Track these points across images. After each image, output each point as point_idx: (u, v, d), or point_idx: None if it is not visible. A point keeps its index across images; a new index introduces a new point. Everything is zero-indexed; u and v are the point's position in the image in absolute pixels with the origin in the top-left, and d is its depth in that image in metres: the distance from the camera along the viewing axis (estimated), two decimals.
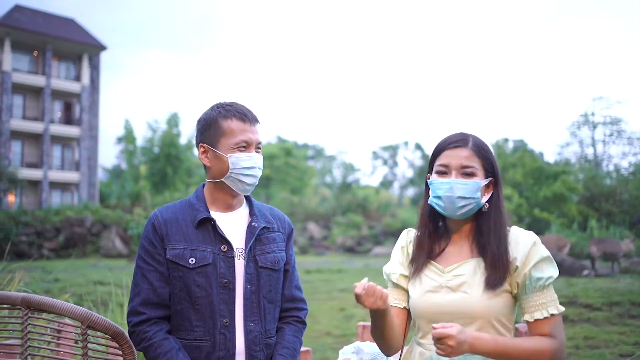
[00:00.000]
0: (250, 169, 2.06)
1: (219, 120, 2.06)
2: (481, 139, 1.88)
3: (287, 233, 2.25)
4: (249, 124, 2.08)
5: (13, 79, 33.84)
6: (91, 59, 37.87)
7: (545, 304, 1.73)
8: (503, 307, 1.77)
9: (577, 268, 15.72)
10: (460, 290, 1.78)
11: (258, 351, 2.04)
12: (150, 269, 2.03)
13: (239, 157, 2.04)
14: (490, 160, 1.86)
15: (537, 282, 1.73)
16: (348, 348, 2.19)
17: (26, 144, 35.17)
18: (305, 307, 2.28)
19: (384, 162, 68.74)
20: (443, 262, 1.87)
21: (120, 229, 28.34)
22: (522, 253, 1.76)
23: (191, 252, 2.01)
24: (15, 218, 26.73)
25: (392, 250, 2.06)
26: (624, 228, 29.08)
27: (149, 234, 2.06)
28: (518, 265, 1.76)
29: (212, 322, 1.99)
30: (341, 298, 12.30)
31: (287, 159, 47.15)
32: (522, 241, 1.78)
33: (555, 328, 1.73)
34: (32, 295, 1.72)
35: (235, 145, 2.04)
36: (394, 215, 40.58)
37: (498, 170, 1.87)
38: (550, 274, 1.74)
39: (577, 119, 44.47)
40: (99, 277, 11.83)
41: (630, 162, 42.09)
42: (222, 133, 2.05)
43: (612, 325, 8.13)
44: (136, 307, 2.01)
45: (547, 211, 31.77)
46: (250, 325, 2.03)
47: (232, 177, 2.05)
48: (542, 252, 1.75)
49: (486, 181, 1.84)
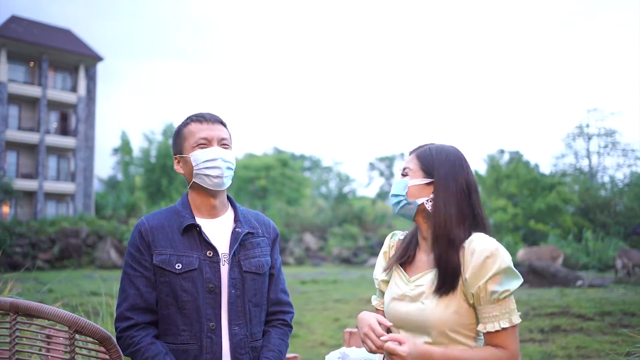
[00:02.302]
0: (212, 161, 2.09)
1: (181, 128, 2.18)
2: (441, 146, 1.92)
3: (272, 238, 2.29)
4: (207, 123, 2.14)
5: (9, 90, 33.81)
6: (87, 70, 37.93)
7: (497, 317, 1.70)
8: (459, 317, 1.75)
9: (570, 279, 15.78)
10: (419, 300, 1.81)
11: (244, 354, 2.07)
12: (137, 275, 2.06)
13: (198, 153, 2.10)
14: (430, 163, 1.87)
15: (492, 295, 1.69)
16: (334, 353, 2.21)
17: (21, 155, 35.10)
18: (291, 310, 2.32)
19: (380, 173, 68.81)
20: (412, 271, 1.92)
21: (115, 240, 28.27)
22: (474, 265, 1.71)
23: (177, 257, 2.05)
24: (10, 229, 26.64)
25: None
26: (619, 239, 29.16)
27: (135, 241, 2.10)
28: (467, 277, 1.72)
29: (198, 326, 2.03)
30: (336, 308, 12.29)
31: (283, 170, 47.23)
32: (477, 252, 1.72)
33: (507, 340, 1.70)
34: (20, 300, 1.74)
35: (195, 144, 2.11)
36: (390, 227, 40.52)
37: (444, 173, 1.84)
38: (507, 287, 1.69)
39: (572, 130, 44.59)
40: (94, 287, 11.79)
41: (624, 174, 42.18)
42: (184, 138, 2.15)
43: (605, 335, 8.16)
44: (124, 313, 2.04)
45: (543, 222, 31.85)
46: (236, 328, 2.07)
47: (197, 174, 2.10)
48: (500, 264, 1.69)
49: (419, 181, 1.87)
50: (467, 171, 1.88)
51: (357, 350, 2.19)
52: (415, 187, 1.88)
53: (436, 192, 1.84)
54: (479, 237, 1.77)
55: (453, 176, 1.84)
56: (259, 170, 46.67)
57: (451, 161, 1.87)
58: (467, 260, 1.74)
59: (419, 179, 1.88)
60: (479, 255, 1.71)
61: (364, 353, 2.11)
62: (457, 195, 1.83)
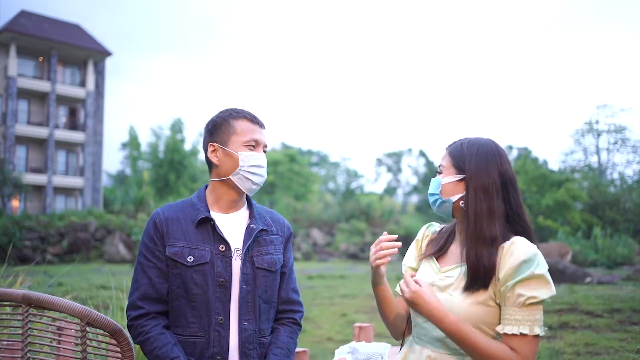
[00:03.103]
0: (259, 168, 2.13)
1: (230, 120, 2.15)
2: (474, 139, 1.86)
3: (285, 236, 2.29)
4: (258, 126, 2.17)
5: (18, 84, 33.97)
6: (96, 65, 38.06)
7: (519, 321, 1.63)
8: (485, 315, 1.71)
9: (579, 275, 15.70)
10: (447, 291, 1.78)
11: (252, 349, 2.08)
12: (150, 265, 2.08)
13: (248, 155, 2.11)
14: (462, 158, 1.82)
15: (518, 298, 1.64)
16: (344, 348, 2.21)
17: (31, 149, 35.29)
18: (301, 309, 2.32)
19: (388, 169, 68.71)
20: (443, 261, 1.89)
21: (123, 235, 28.41)
22: (508, 266, 1.67)
23: (190, 250, 2.06)
24: (19, 223, 26.80)
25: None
26: (628, 236, 29.01)
27: (150, 231, 2.11)
28: (500, 277, 1.69)
29: (207, 319, 2.04)
30: (343, 304, 12.31)
31: (291, 165, 47.22)
32: (515, 255, 1.68)
33: (522, 347, 1.63)
34: (33, 293, 1.75)
35: (246, 143, 2.12)
36: (397, 222, 40.54)
37: (475, 168, 1.78)
38: (536, 294, 1.63)
39: (582, 126, 44.36)
40: (102, 281, 11.86)
41: (634, 170, 41.96)
42: (233, 132, 2.13)
43: (613, 332, 8.12)
44: (135, 302, 2.06)
45: (551, 219, 31.70)
46: (245, 324, 2.08)
47: (240, 174, 2.11)
48: (535, 269, 1.64)
49: (452, 178, 1.83)
50: (502, 164, 1.79)
51: (366, 345, 2.19)
52: (448, 185, 1.84)
53: (471, 190, 1.78)
54: (521, 240, 1.71)
55: (485, 170, 1.78)
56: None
57: (482, 154, 1.80)
58: (504, 261, 1.69)
59: (451, 176, 1.83)
60: (516, 257, 1.67)
61: (373, 347, 2.11)
62: (490, 190, 1.76)
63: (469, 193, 1.78)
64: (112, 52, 38.01)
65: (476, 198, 1.76)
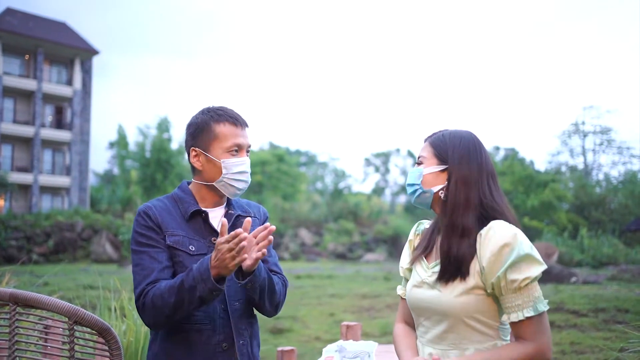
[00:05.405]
0: (242, 174, 2.11)
1: (212, 124, 2.10)
2: (455, 131, 1.88)
3: (262, 219, 2.31)
4: (240, 128, 2.12)
5: (4, 83, 33.68)
6: (83, 63, 37.77)
7: (521, 306, 1.64)
8: (476, 304, 1.71)
9: (565, 275, 15.86)
10: (436, 287, 1.78)
11: (244, 329, 2.11)
12: (159, 250, 2.03)
13: (232, 162, 2.08)
14: (444, 148, 1.83)
15: (512, 284, 1.64)
16: (331, 346, 2.22)
17: (17, 148, 34.98)
18: (286, 280, 2.30)
19: (376, 169, 68.75)
20: (430, 258, 1.89)
21: (110, 234, 28.23)
22: (489, 252, 1.67)
23: (189, 240, 2.07)
24: (5, 222, 26.58)
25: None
26: (614, 236, 29.31)
27: (147, 222, 2.06)
28: (484, 266, 1.68)
29: (212, 307, 2.03)
30: (331, 303, 12.33)
31: (279, 165, 47.16)
32: (493, 241, 1.67)
33: (533, 330, 1.64)
34: (20, 291, 1.74)
35: (228, 149, 2.08)
36: (385, 222, 40.56)
37: (458, 158, 1.80)
38: (528, 274, 1.63)
39: (568, 127, 44.85)
40: (89, 281, 11.79)
41: (619, 171, 42.51)
42: (215, 137, 2.09)
43: (598, 331, 8.21)
44: (145, 288, 1.97)
45: (537, 219, 31.94)
46: (235, 304, 2.09)
47: (224, 181, 2.10)
48: (518, 251, 1.64)
49: (434, 168, 1.84)
50: (483, 156, 1.82)
51: (354, 343, 2.20)
52: (430, 175, 1.84)
53: (450, 179, 1.80)
54: (497, 224, 1.71)
55: (467, 161, 1.80)
56: (254, 165, 46.45)
57: (465, 146, 1.82)
58: (483, 248, 1.69)
59: (433, 166, 1.84)
60: (494, 244, 1.67)
61: (361, 346, 2.12)
62: (470, 181, 1.78)
63: (452, 183, 1.79)
64: (99, 51, 37.78)
65: (457, 189, 1.78)
